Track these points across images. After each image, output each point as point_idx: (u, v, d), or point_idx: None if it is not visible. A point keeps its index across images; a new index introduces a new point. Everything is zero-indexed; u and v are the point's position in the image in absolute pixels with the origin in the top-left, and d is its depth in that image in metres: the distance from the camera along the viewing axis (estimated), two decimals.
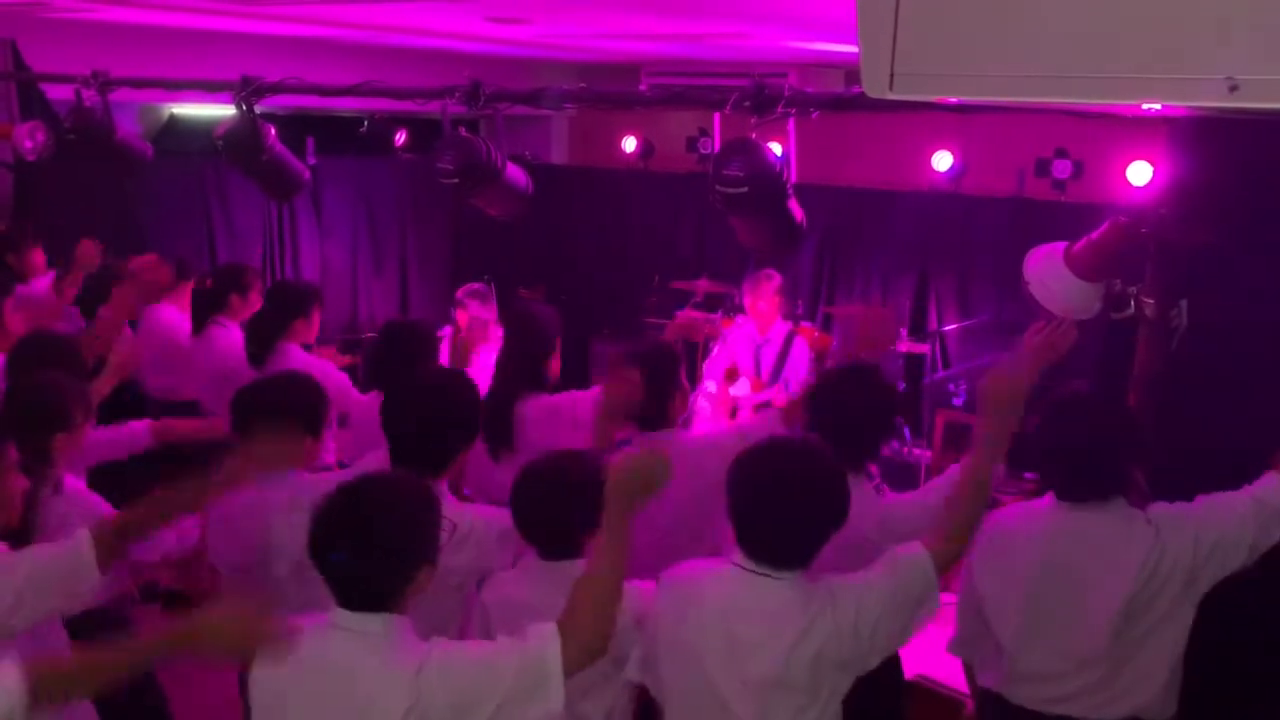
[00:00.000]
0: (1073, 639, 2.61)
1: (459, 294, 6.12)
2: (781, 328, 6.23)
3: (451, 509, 2.48)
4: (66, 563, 2.37)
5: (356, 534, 2.10)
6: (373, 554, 2.10)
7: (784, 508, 2.32)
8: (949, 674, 3.56)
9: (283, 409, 3.06)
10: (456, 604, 2.86)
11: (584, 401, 3.65)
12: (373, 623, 2.10)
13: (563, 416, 3.65)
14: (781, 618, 2.31)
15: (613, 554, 2.14)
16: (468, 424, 2.91)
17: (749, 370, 6.26)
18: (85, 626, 2.83)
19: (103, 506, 3.00)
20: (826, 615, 2.30)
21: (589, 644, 2.09)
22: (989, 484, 2.47)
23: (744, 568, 2.36)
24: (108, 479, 3.40)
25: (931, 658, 3.57)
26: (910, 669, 3.33)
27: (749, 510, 2.36)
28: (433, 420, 2.83)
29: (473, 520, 2.77)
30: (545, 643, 2.06)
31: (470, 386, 2.98)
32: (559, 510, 2.59)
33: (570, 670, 2.06)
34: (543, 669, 2.04)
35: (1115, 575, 2.55)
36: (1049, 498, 2.70)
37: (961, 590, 2.86)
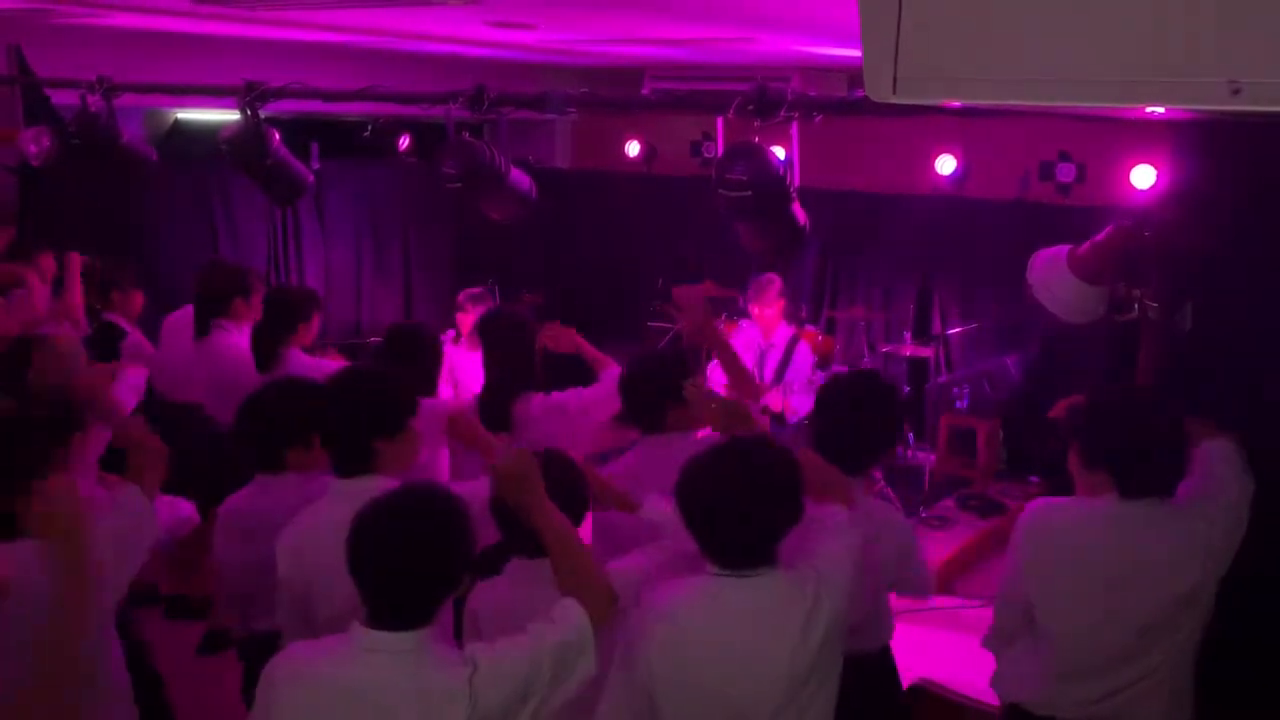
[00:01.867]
0: (1134, 633, 2.59)
1: (460, 298, 6.13)
2: (785, 332, 6.23)
3: None
4: (133, 520, 2.49)
5: (406, 545, 2.08)
6: (421, 565, 2.09)
7: (734, 507, 2.29)
8: (951, 678, 3.56)
9: (287, 413, 3.06)
10: None
11: (589, 398, 3.65)
12: (405, 641, 2.06)
13: (570, 414, 3.65)
14: (779, 614, 2.30)
15: (550, 534, 2.34)
16: (386, 416, 2.84)
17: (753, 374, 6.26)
18: None
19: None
20: (823, 597, 2.31)
21: (598, 594, 2.25)
22: None
23: (722, 575, 2.33)
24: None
25: (935, 662, 3.58)
26: (914, 673, 3.33)
27: (701, 520, 2.34)
28: (348, 418, 2.80)
29: None
30: (571, 612, 2.21)
31: (384, 379, 2.94)
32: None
33: (598, 625, 2.22)
34: (581, 637, 2.19)
35: (1185, 564, 2.55)
36: (1110, 496, 2.61)
37: (1004, 587, 2.80)
